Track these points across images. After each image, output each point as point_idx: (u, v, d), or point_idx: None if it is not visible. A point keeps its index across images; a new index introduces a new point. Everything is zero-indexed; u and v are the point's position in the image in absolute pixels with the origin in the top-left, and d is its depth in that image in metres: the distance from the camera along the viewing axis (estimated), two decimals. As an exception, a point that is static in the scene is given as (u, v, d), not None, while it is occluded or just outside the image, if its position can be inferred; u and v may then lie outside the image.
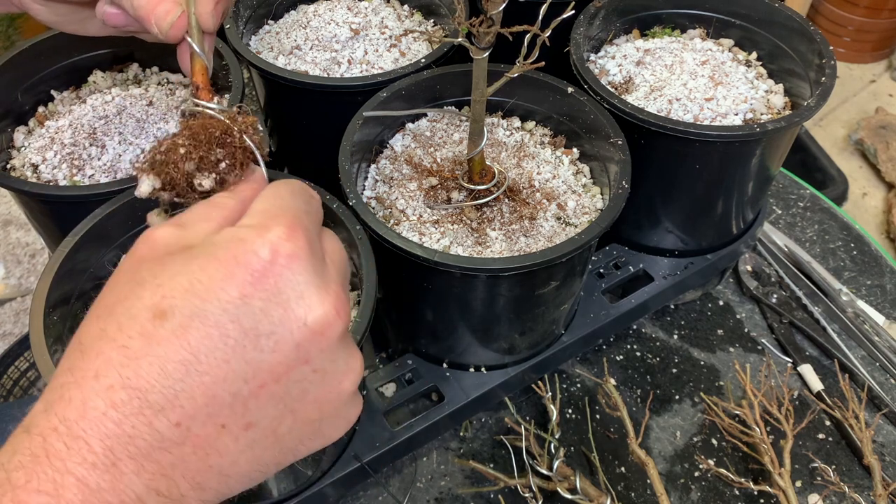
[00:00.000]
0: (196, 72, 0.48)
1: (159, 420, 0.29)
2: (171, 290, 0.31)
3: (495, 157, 0.70)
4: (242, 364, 0.31)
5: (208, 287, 0.31)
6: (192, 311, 0.30)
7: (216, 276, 0.31)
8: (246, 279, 0.31)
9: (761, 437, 0.71)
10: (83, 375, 0.30)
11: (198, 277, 0.31)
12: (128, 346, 0.30)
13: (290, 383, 0.32)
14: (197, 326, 0.30)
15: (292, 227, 0.33)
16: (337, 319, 0.33)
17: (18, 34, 1.61)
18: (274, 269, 0.31)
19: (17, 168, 0.70)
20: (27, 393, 0.86)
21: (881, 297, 0.93)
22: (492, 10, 0.52)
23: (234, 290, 0.31)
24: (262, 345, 0.31)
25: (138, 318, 0.30)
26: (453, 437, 0.79)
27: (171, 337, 0.30)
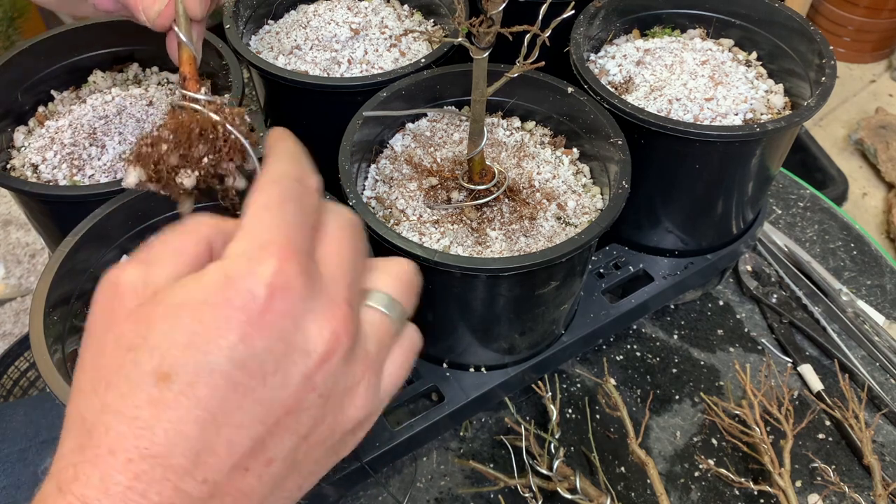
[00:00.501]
0: (183, 61, 0.48)
1: (185, 482, 0.29)
2: (168, 349, 0.30)
3: (495, 157, 0.70)
4: (256, 406, 0.30)
5: (206, 338, 0.30)
6: (195, 367, 0.29)
7: (212, 324, 0.30)
8: (243, 322, 0.30)
9: (761, 437, 0.71)
10: (96, 453, 0.29)
11: (193, 330, 0.30)
12: (138, 416, 0.29)
13: (300, 413, 0.32)
14: (205, 382, 0.29)
15: (284, 255, 0.31)
16: (338, 344, 0.32)
17: (18, 34, 1.60)
18: (271, 306, 0.30)
19: (17, 168, 0.70)
20: (27, 393, 0.86)
21: (881, 297, 0.93)
22: (492, 10, 0.52)
23: (233, 335, 0.30)
24: (271, 383, 0.30)
25: (141, 385, 0.29)
26: (453, 437, 0.79)
27: (180, 398, 0.29)
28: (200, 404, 0.29)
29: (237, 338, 0.30)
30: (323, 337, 0.32)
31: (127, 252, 0.62)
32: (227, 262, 0.31)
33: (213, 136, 0.45)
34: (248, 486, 0.31)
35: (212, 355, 0.29)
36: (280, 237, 0.32)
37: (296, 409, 0.31)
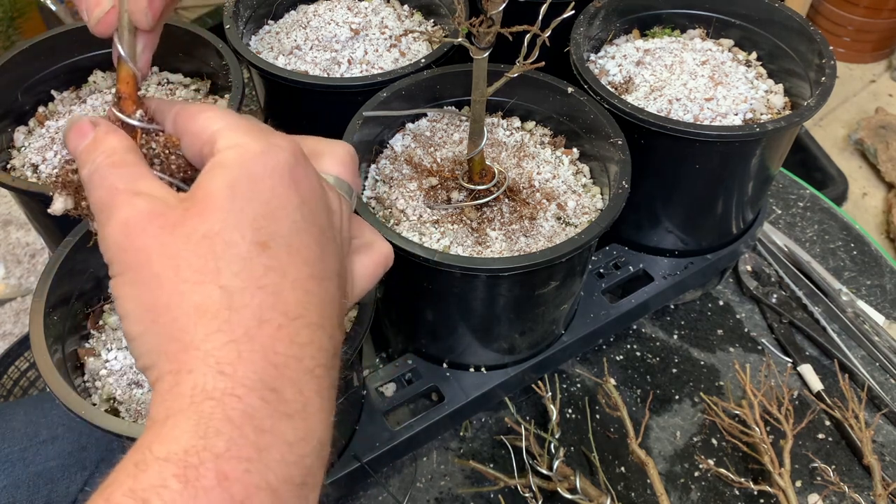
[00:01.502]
0: (121, 79, 0.42)
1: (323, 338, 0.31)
2: (254, 221, 0.31)
3: (495, 157, 0.70)
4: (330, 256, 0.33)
5: (280, 203, 0.31)
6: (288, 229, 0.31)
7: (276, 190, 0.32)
8: (292, 182, 0.32)
9: (761, 437, 0.71)
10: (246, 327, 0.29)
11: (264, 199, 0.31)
12: (265, 284, 0.30)
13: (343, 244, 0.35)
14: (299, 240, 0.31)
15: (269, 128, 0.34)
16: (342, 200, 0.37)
17: (18, 34, 1.60)
18: (299, 168, 0.33)
19: (17, 168, 0.70)
20: (27, 393, 0.86)
21: (881, 297, 0.93)
22: (492, 10, 0.52)
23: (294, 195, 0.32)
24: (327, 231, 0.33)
25: (251, 257, 0.30)
26: (453, 437, 0.79)
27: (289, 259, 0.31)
28: (305, 261, 0.31)
29: (297, 197, 0.32)
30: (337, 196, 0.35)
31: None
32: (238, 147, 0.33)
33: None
34: (340, 318, 0.33)
35: (293, 216, 0.31)
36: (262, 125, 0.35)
37: (343, 246, 0.35)
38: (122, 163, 0.34)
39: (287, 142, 0.33)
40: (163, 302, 0.30)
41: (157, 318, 0.30)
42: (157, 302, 0.30)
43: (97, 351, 0.57)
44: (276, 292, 0.30)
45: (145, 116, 0.42)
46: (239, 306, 0.29)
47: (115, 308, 0.59)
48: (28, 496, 0.66)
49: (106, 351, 0.57)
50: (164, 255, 0.31)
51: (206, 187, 0.32)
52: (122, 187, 0.33)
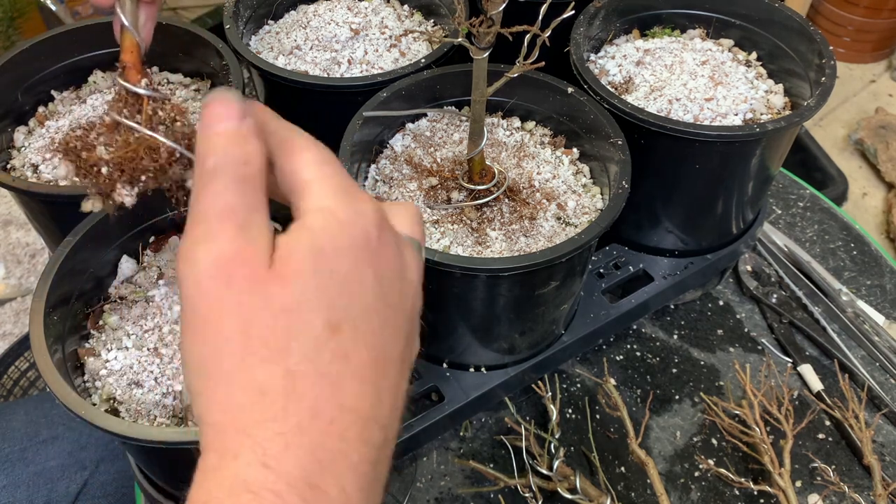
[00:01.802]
0: (125, 48, 0.43)
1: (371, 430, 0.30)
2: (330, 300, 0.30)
3: (495, 157, 0.70)
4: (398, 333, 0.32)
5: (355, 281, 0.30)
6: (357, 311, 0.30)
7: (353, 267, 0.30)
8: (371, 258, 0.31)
9: (761, 437, 0.71)
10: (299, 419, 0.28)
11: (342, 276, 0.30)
12: (328, 372, 0.29)
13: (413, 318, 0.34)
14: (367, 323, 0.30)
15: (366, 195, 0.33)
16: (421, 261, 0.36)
17: (18, 34, 1.61)
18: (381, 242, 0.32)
19: (17, 168, 0.70)
20: (27, 393, 0.87)
21: (881, 297, 0.93)
22: (492, 10, 0.52)
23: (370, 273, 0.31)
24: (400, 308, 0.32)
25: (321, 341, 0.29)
26: (453, 437, 0.79)
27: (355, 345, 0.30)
28: (369, 346, 0.30)
29: (373, 275, 0.31)
30: (415, 258, 0.34)
31: (127, 252, 0.62)
32: (326, 211, 0.31)
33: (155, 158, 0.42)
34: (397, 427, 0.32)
35: (365, 296, 0.30)
36: (350, 183, 0.33)
37: (413, 314, 0.34)
38: (252, 179, 0.32)
39: (371, 208, 0.32)
40: (225, 369, 0.29)
41: (216, 385, 0.29)
42: (221, 367, 0.29)
43: (97, 351, 0.57)
44: (335, 382, 0.29)
45: (150, 85, 0.43)
46: (299, 395, 0.28)
47: (115, 308, 0.60)
48: (28, 496, 0.66)
49: (106, 351, 0.57)
50: (238, 317, 0.29)
51: (292, 250, 0.30)
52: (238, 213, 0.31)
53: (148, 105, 0.43)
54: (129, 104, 0.43)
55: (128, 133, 0.43)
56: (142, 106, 0.43)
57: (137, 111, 0.43)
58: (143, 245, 0.63)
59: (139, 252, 0.63)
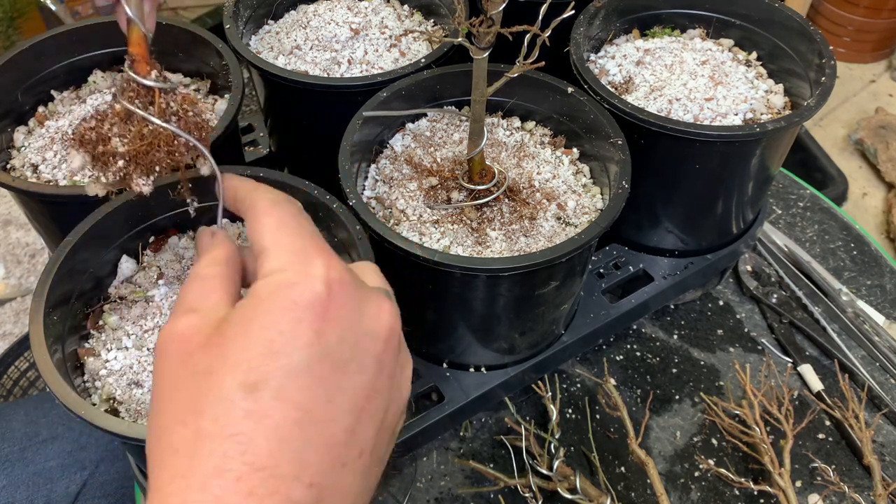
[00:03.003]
0: (132, 41, 0.44)
1: (295, 489, 0.29)
2: (249, 360, 0.30)
3: (495, 157, 0.70)
4: (342, 397, 0.31)
5: (284, 341, 0.30)
6: (282, 370, 0.30)
7: (286, 327, 0.30)
8: (314, 319, 0.31)
9: (761, 437, 0.71)
10: (203, 476, 0.28)
11: (269, 337, 0.30)
12: (238, 432, 0.29)
13: (376, 396, 0.32)
14: (293, 382, 0.30)
15: (324, 252, 0.33)
16: (396, 324, 0.34)
17: (18, 34, 1.61)
18: (333, 299, 0.31)
19: (17, 168, 0.70)
20: (27, 393, 0.87)
21: (881, 297, 0.93)
22: (492, 10, 0.52)
23: (308, 333, 0.30)
24: (351, 370, 0.31)
25: (233, 401, 0.29)
26: (453, 437, 0.79)
27: (274, 404, 0.29)
28: (296, 405, 0.29)
29: (312, 334, 0.30)
30: (382, 319, 0.33)
31: (127, 252, 0.62)
32: (275, 274, 0.32)
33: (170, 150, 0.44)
34: (347, 483, 0.30)
35: (294, 356, 0.30)
36: (311, 243, 0.33)
37: (373, 392, 0.32)
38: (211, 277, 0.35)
39: (324, 268, 0.32)
40: (156, 433, 0.31)
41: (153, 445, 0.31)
42: (157, 429, 0.31)
43: (97, 351, 0.57)
44: (246, 441, 0.29)
45: (160, 76, 0.44)
46: (205, 453, 0.29)
47: (115, 308, 0.60)
48: (28, 496, 0.66)
49: (106, 351, 0.57)
50: (171, 386, 0.31)
51: (231, 319, 0.32)
52: (190, 300, 0.34)
53: (160, 97, 0.44)
54: (140, 95, 0.44)
55: (141, 124, 0.44)
56: (153, 98, 0.44)
57: (150, 102, 0.44)
58: (142, 245, 0.63)
59: (139, 252, 0.63)
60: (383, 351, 0.33)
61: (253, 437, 0.29)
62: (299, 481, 0.29)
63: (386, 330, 0.33)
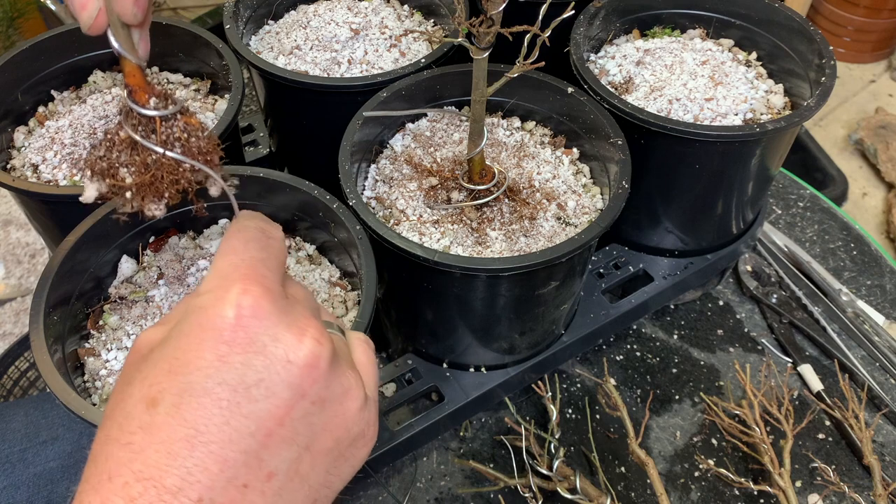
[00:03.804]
0: (127, 73, 0.44)
1: (180, 501, 0.29)
2: (154, 377, 0.31)
3: (495, 157, 0.70)
4: (242, 419, 0.31)
5: (185, 361, 0.31)
6: (178, 388, 0.31)
7: (189, 348, 0.32)
8: (218, 341, 0.32)
9: (761, 437, 0.71)
10: (98, 480, 0.30)
11: (174, 356, 0.32)
12: (131, 441, 0.30)
13: (294, 422, 0.32)
14: (188, 401, 0.30)
15: (248, 279, 0.33)
16: (319, 347, 0.33)
17: (18, 34, 1.61)
18: (242, 323, 0.32)
19: (17, 168, 0.70)
20: (27, 393, 0.86)
21: (881, 297, 0.93)
22: (492, 10, 0.52)
23: (210, 354, 0.31)
24: (255, 395, 0.31)
25: (133, 412, 0.31)
26: (453, 437, 0.79)
27: (167, 419, 0.30)
28: (186, 423, 0.30)
29: (214, 356, 0.31)
30: (304, 345, 0.33)
31: (127, 252, 0.62)
32: (197, 297, 0.34)
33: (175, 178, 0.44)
34: (249, 502, 0.31)
35: (192, 375, 0.31)
36: (244, 269, 0.34)
37: (287, 418, 0.32)
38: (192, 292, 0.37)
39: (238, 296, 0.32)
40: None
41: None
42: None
43: (97, 351, 0.57)
44: (137, 451, 0.30)
45: (159, 102, 0.44)
46: (102, 458, 0.31)
47: (115, 308, 0.60)
48: (28, 497, 0.66)
49: (106, 351, 0.57)
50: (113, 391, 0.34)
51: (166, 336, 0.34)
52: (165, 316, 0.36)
53: (161, 125, 0.44)
54: (142, 123, 0.44)
55: (145, 153, 0.45)
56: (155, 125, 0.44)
57: (152, 130, 0.45)
58: (142, 245, 0.63)
59: (139, 252, 0.63)
60: (301, 377, 0.32)
61: (143, 448, 0.30)
62: (184, 495, 0.29)
63: (306, 356, 0.33)
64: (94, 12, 0.41)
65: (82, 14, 0.42)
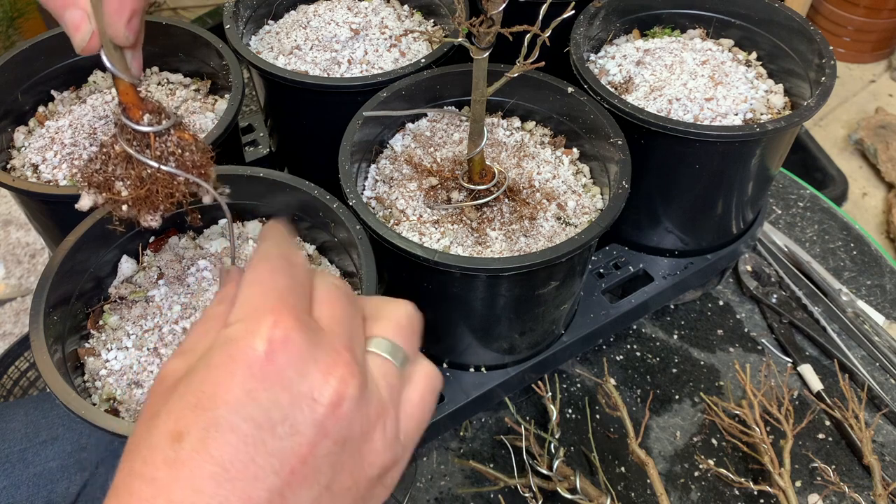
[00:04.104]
0: (120, 91, 0.45)
1: None
2: (180, 410, 0.31)
3: (495, 157, 0.70)
4: (267, 457, 0.31)
5: (212, 395, 0.31)
6: (205, 423, 0.30)
7: (218, 382, 0.31)
8: (247, 376, 0.31)
9: (761, 437, 0.71)
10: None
11: (202, 389, 0.31)
12: (156, 477, 0.30)
13: (316, 460, 0.32)
14: (214, 437, 0.30)
15: (278, 311, 0.33)
16: (346, 389, 0.33)
17: (18, 34, 1.61)
18: (272, 359, 0.31)
19: (17, 168, 0.70)
20: (27, 393, 0.86)
21: (881, 297, 0.93)
22: (492, 10, 0.52)
23: (238, 389, 0.31)
24: (280, 432, 0.31)
25: (158, 447, 0.31)
26: (453, 437, 0.79)
27: (193, 455, 0.30)
28: (213, 460, 0.30)
29: (242, 392, 0.31)
30: (329, 384, 0.32)
31: (127, 252, 0.62)
32: (227, 329, 0.33)
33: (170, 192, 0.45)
34: None
35: (219, 410, 0.30)
36: (273, 300, 0.33)
37: (311, 457, 0.32)
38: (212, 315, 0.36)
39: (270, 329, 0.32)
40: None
41: None
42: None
43: (97, 351, 0.57)
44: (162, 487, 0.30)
45: (153, 118, 0.45)
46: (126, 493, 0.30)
47: (115, 308, 0.60)
48: (28, 497, 0.66)
49: (106, 351, 0.57)
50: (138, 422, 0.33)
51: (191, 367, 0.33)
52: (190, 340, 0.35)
53: (155, 141, 0.45)
54: (136, 138, 0.45)
55: (140, 167, 0.46)
56: (150, 140, 0.46)
57: (147, 146, 0.46)
58: (142, 245, 0.63)
59: (139, 252, 0.63)
60: (326, 417, 0.32)
61: (168, 484, 0.30)
62: None
63: (330, 395, 0.32)
64: (87, 35, 0.42)
65: (76, 36, 0.42)
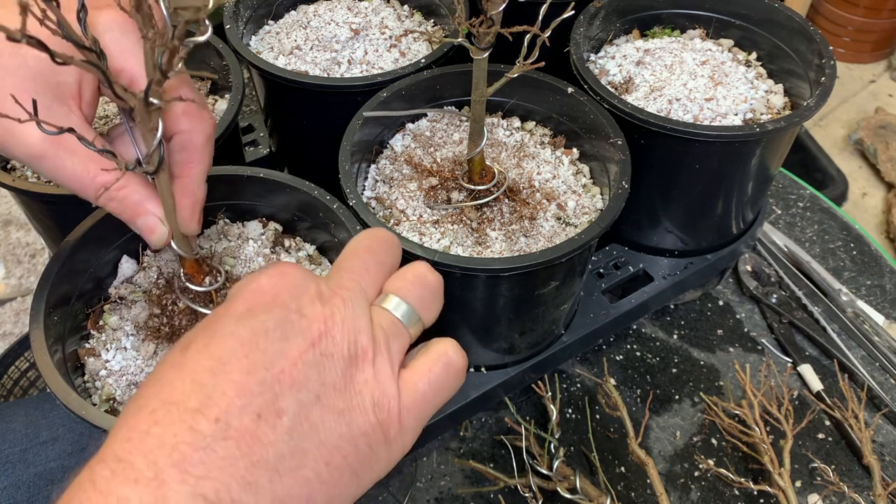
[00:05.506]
0: (186, 266, 0.54)
1: (197, 420, 0.32)
2: (193, 331, 0.36)
3: (495, 157, 0.70)
4: (260, 354, 0.34)
5: (219, 315, 0.36)
6: (209, 333, 0.35)
7: (227, 306, 0.37)
8: (249, 298, 0.36)
9: (761, 437, 0.71)
10: (130, 413, 0.33)
11: (214, 313, 0.37)
12: (161, 377, 0.34)
13: (305, 366, 0.35)
14: (216, 341, 0.35)
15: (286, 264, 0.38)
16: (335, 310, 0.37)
17: (18, 34, 1.61)
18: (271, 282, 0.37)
19: (18, 168, 0.70)
20: (27, 393, 0.86)
21: (881, 297, 0.93)
22: (492, 10, 0.52)
23: (240, 307, 0.36)
24: (272, 336, 0.35)
25: (168, 357, 0.35)
26: (453, 437, 0.79)
27: (195, 356, 0.34)
28: (211, 356, 0.34)
29: (244, 308, 0.36)
30: (316, 306, 0.36)
31: (127, 252, 0.62)
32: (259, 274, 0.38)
33: None
34: (262, 433, 0.33)
35: (221, 321, 0.36)
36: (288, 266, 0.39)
37: (300, 361, 0.35)
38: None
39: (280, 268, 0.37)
40: None
41: None
42: None
43: (97, 351, 0.57)
44: (166, 384, 0.34)
45: (212, 278, 0.54)
46: (136, 396, 0.34)
47: (115, 308, 0.60)
48: (28, 497, 0.66)
49: (106, 351, 0.57)
50: None
51: None
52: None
53: (216, 295, 0.55)
54: (199, 295, 0.55)
55: (202, 316, 0.55)
56: (212, 297, 0.55)
57: (209, 301, 0.55)
58: (143, 245, 0.63)
59: (139, 252, 0.63)
60: (315, 330, 0.36)
61: (171, 381, 0.34)
62: (203, 414, 0.32)
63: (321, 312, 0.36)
64: (164, 236, 0.49)
65: (151, 237, 0.49)
